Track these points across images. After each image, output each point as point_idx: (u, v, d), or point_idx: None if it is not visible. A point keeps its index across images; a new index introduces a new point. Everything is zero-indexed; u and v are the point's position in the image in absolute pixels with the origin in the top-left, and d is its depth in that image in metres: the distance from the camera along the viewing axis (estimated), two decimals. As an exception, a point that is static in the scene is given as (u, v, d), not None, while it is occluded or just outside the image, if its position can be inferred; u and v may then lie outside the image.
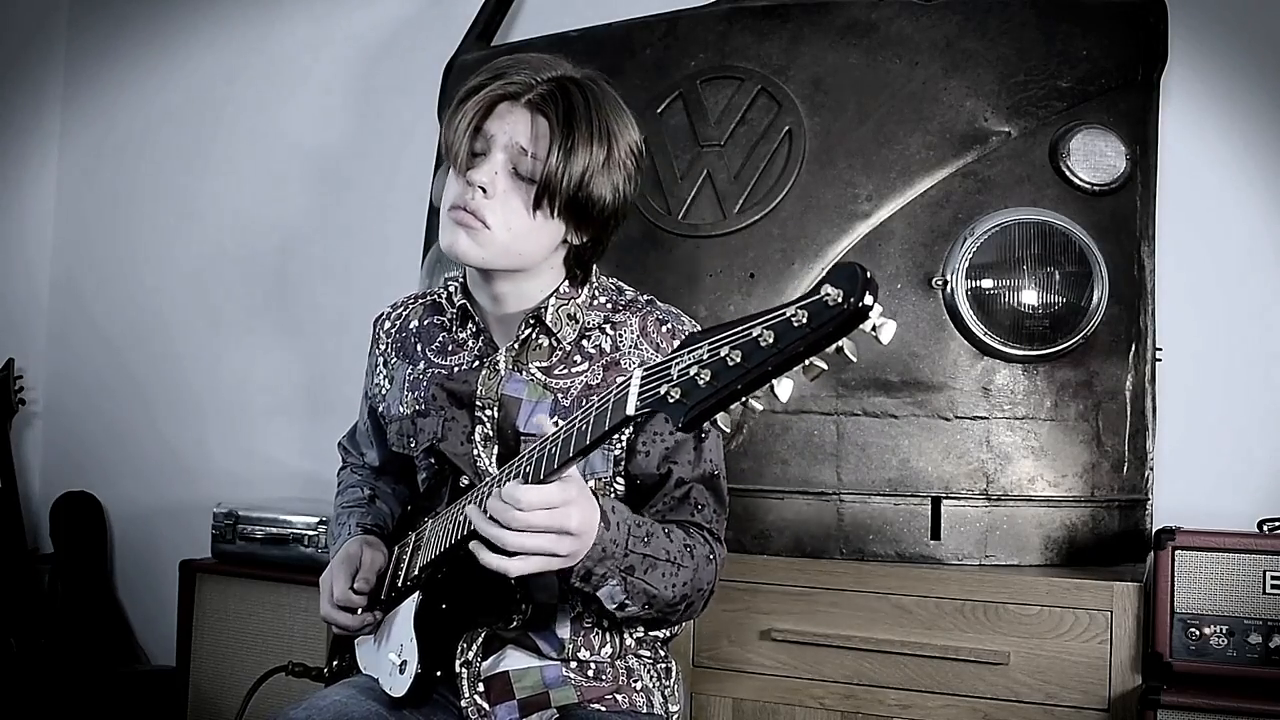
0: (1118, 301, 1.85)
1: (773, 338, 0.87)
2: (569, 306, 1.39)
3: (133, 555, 3.19)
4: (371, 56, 2.95)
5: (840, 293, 0.84)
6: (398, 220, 2.75)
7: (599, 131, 1.31)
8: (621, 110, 1.36)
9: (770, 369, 0.88)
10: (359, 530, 1.49)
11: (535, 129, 1.30)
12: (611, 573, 1.22)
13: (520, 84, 1.31)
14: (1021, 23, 1.92)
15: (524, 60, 1.34)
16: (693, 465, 1.36)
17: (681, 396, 0.93)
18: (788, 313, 0.87)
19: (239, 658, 2.46)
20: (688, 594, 1.30)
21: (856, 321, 0.84)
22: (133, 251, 3.27)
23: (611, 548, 1.20)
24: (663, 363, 0.96)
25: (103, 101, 3.35)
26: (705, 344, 0.92)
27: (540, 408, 1.35)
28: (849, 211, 1.92)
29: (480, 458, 1.37)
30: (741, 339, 0.89)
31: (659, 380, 0.95)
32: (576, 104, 1.30)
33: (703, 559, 1.32)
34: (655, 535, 1.27)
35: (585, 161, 1.30)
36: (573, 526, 1.14)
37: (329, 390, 2.90)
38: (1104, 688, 1.64)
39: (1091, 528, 1.84)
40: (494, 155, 1.31)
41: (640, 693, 1.41)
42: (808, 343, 0.86)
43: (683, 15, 2.14)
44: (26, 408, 3.19)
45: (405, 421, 1.45)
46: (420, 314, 1.52)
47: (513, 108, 1.31)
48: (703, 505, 1.36)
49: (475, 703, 1.34)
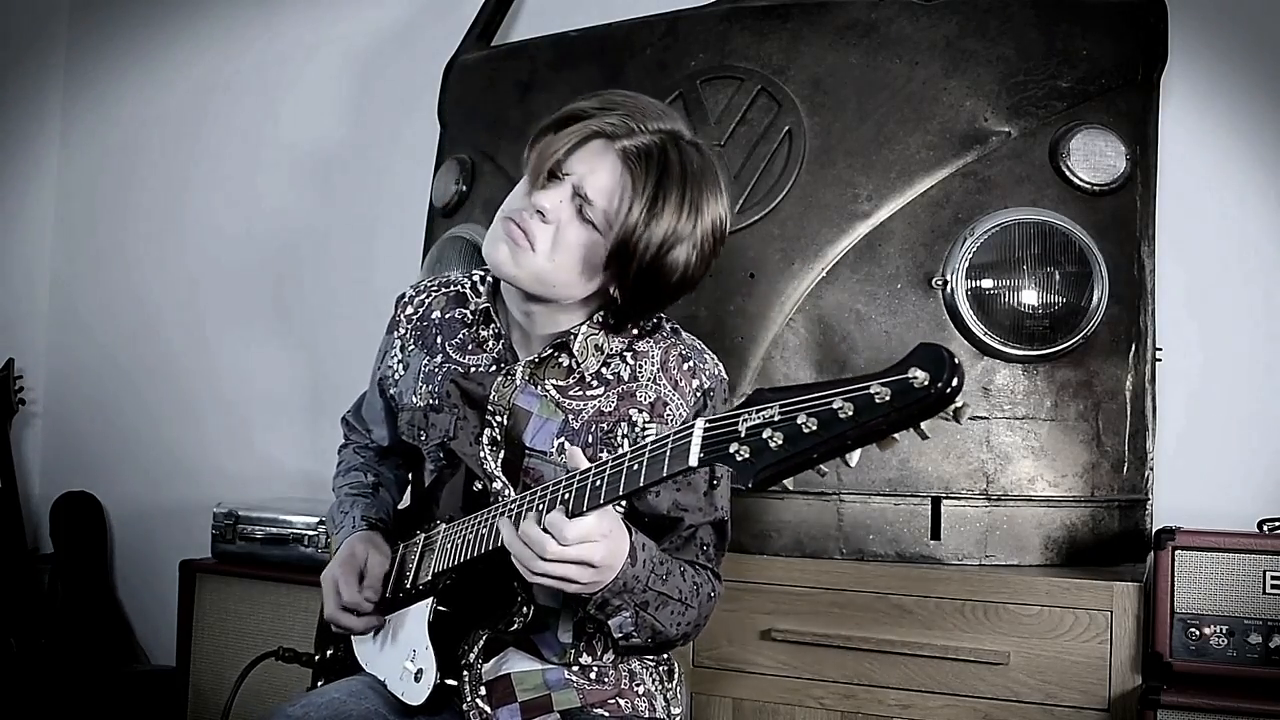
0: (1118, 301, 1.85)
1: (852, 410, 0.87)
2: (597, 337, 1.36)
3: (133, 555, 3.19)
4: (371, 56, 2.95)
5: (928, 376, 0.83)
6: (398, 220, 2.75)
7: (689, 202, 1.26)
8: (717, 186, 1.31)
9: (849, 442, 0.88)
10: (363, 524, 1.48)
11: (617, 180, 1.26)
12: (627, 605, 1.23)
13: (624, 127, 1.26)
14: (1021, 23, 1.92)
15: (640, 102, 1.30)
16: (703, 512, 1.36)
17: (750, 456, 0.93)
18: (871, 389, 0.86)
19: (239, 658, 2.45)
20: (688, 632, 1.33)
21: (941, 407, 0.84)
22: (132, 252, 3.27)
23: (633, 583, 1.22)
24: (729, 418, 0.95)
25: (103, 102, 3.35)
26: (777, 406, 0.91)
27: (550, 425, 1.35)
28: (849, 211, 1.92)
29: (486, 460, 1.36)
30: (819, 407, 0.89)
31: (725, 436, 0.95)
32: (672, 167, 1.25)
33: (706, 597, 1.35)
34: (673, 575, 1.29)
35: (666, 230, 1.25)
36: (597, 560, 1.16)
37: (329, 390, 2.90)
38: (1104, 688, 1.64)
39: (1091, 528, 1.84)
40: (565, 186, 1.28)
41: (643, 696, 1.40)
42: (889, 422, 0.86)
43: (683, 15, 2.14)
44: (26, 408, 3.19)
45: (418, 413, 1.44)
46: (443, 305, 1.49)
47: (606, 149, 1.27)
48: (707, 546, 1.37)
49: (477, 706, 1.33)
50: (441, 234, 2.33)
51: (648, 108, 1.29)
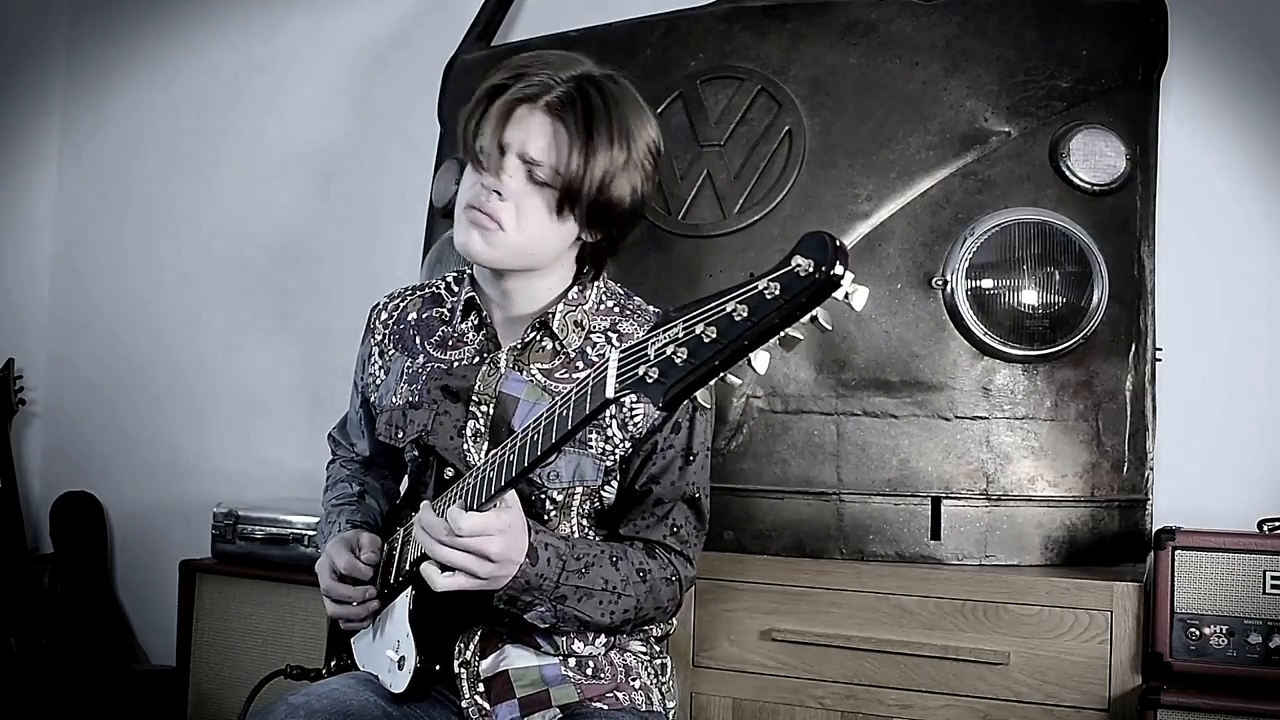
0: (1118, 301, 1.85)
1: (746, 311, 0.89)
2: (576, 313, 1.39)
3: (133, 555, 3.19)
4: (371, 56, 2.95)
5: (811, 263, 0.85)
6: (398, 220, 2.75)
7: (618, 133, 1.31)
8: (640, 109, 1.36)
9: (746, 343, 0.89)
10: (349, 527, 1.48)
11: (553, 136, 1.30)
12: (540, 601, 1.26)
13: (539, 85, 1.31)
14: (1021, 23, 1.92)
15: (545, 59, 1.34)
16: (675, 487, 1.37)
17: (660, 376, 0.94)
18: (760, 286, 0.88)
19: (239, 658, 2.46)
20: (630, 618, 1.34)
21: (829, 291, 0.86)
22: (133, 251, 3.27)
23: (538, 580, 1.24)
24: (639, 343, 0.97)
25: (103, 101, 3.35)
26: (679, 323, 0.93)
27: (537, 409, 1.35)
28: (849, 211, 1.92)
29: (470, 452, 1.37)
30: (716, 315, 0.90)
31: (636, 361, 0.96)
32: (595, 106, 1.30)
33: (660, 580, 1.35)
34: (596, 565, 1.29)
35: (605, 164, 1.30)
36: (493, 552, 1.18)
37: (329, 390, 2.90)
38: (1104, 688, 1.64)
39: (1091, 528, 1.84)
40: (510, 158, 1.32)
41: (639, 690, 1.41)
42: (782, 314, 0.87)
43: (683, 15, 2.14)
44: (26, 408, 3.19)
45: (395, 412, 1.45)
46: (419, 306, 1.52)
47: (531, 111, 1.31)
48: (679, 527, 1.38)
49: (476, 703, 1.35)
50: (441, 234, 2.32)
51: (554, 60, 1.34)
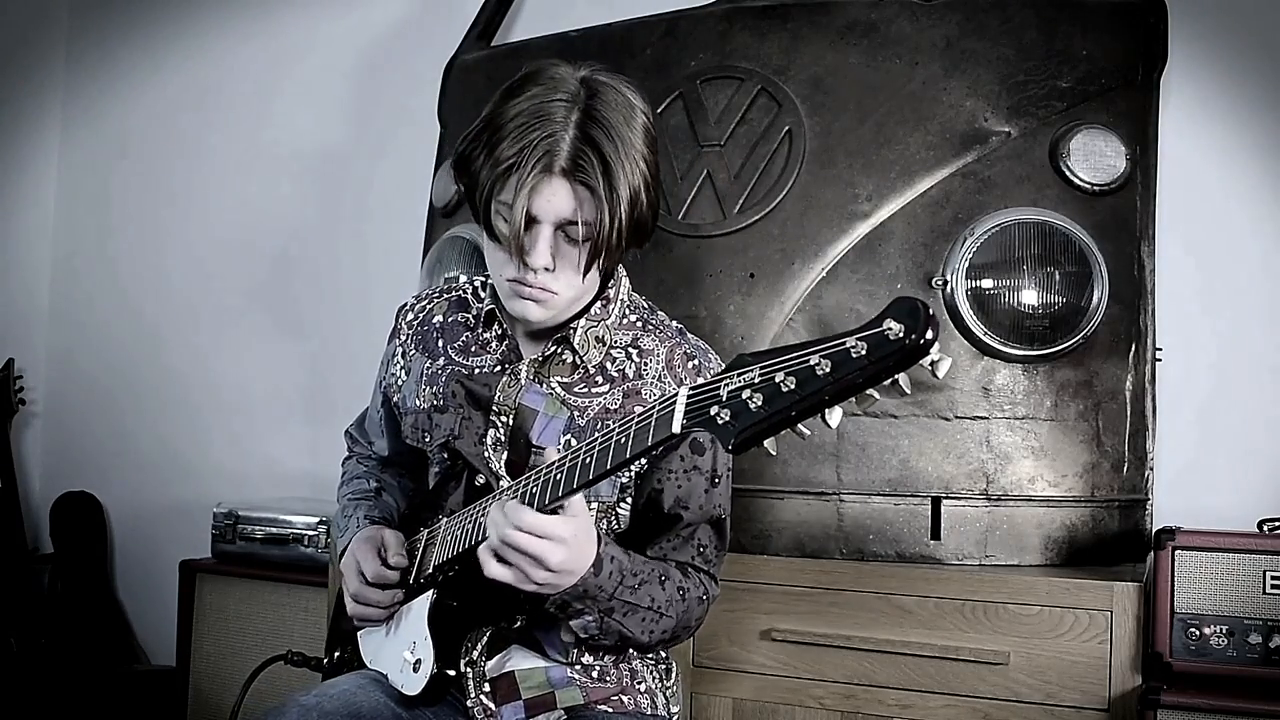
0: (1118, 301, 1.85)
1: (830, 367, 0.88)
2: (598, 329, 1.38)
3: (133, 555, 3.19)
4: (371, 56, 2.95)
5: (902, 328, 0.85)
6: (398, 220, 2.75)
7: (630, 162, 1.27)
8: (632, 113, 1.30)
9: (826, 398, 0.88)
10: (367, 522, 1.49)
11: (577, 198, 1.26)
12: (590, 610, 1.24)
13: (545, 147, 1.24)
14: (1021, 23, 1.92)
15: (540, 111, 1.26)
16: (703, 510, 1.36)
17: (731, 419, 0.93)
18: (847, 344, 0.87)
19: (239, 658, 2.46)
20: (665, 638, 1.33)
21: (916, 357, 0.85)
22: (132, 251, 3.27)
23: (595, 591, 1.22)
24: (710, 383, 0.96)
25: (103, 101, 3.35)
26: (756, 368, 0.92)
27: (556, 423, 1.35)
28: (849, 211, 1.92)
29: (491, 460, 1.37)
30: (797, 365, 0.89)
31: (707, 400, 0.95)
32: (607, 153, 1.25)
33: (695, 600, 1.35)
34: (647, 584, 1.28)
35: (628, 196, 1.27)
36: (554, 562, 1.15)
37: (329, 390, 2.90)
38: (1104, 688, 1.64)
39: (1091, 528, 1.84)
40: (543, 229, 1.28)
41: (645, 694, 1.42)
42: (865, 375, 0.87)
43: (683, 15, 2.14)
44: (26, 408, 3.19)
45: (421, 415, 1.45)
46: (445, 309, 1.51)
47: (549, 180, 1.26)
48: (704, 547, 1.38)
49: (481, 703, 1.34)
50: (441, 234, 2.33)
51: (544, 110, 1.26)
